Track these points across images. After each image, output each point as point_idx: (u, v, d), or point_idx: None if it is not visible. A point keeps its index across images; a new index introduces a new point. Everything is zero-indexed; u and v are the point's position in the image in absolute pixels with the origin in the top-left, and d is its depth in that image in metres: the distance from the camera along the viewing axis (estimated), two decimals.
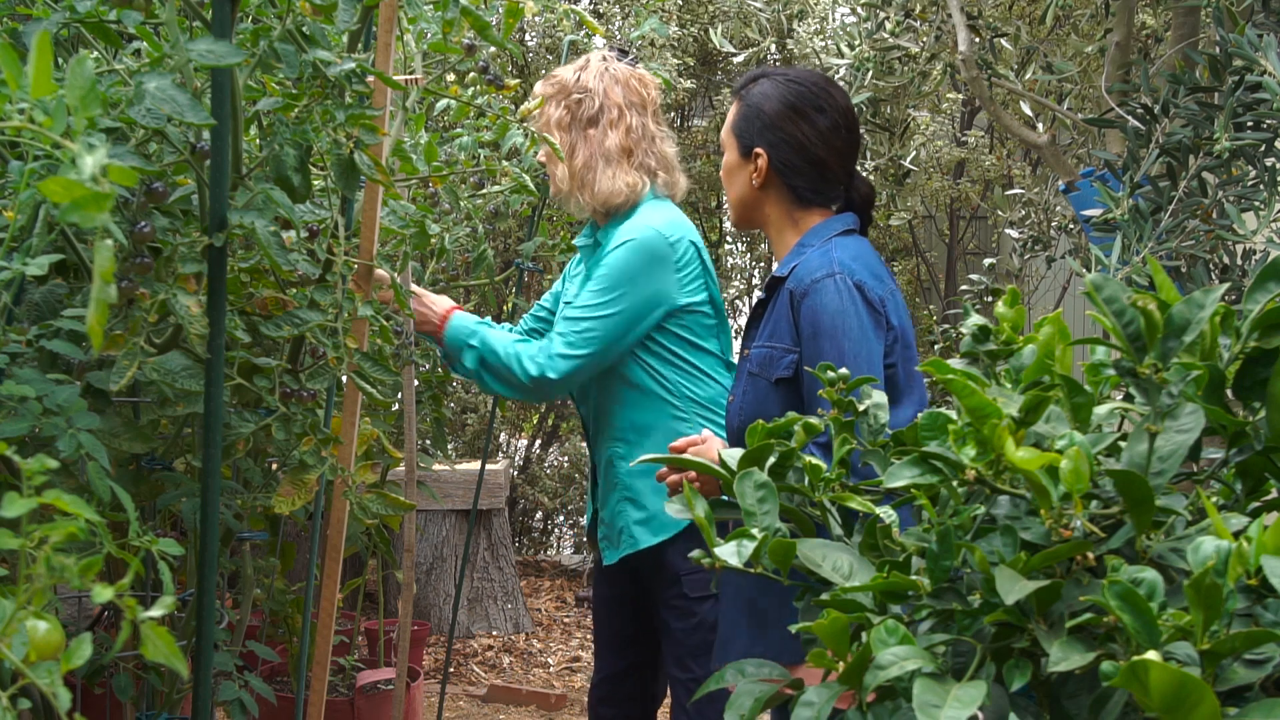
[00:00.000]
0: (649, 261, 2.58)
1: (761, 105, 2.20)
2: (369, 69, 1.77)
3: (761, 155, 2.19)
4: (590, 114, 2.66)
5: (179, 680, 2.28)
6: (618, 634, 2.81)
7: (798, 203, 2.21)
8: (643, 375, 2.62)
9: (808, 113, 2.18)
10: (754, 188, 2.21)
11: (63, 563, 1.01)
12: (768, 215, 2.23)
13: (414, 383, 3.18)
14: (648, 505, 2.61)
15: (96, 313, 0.93)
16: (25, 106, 0.98)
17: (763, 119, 2.19)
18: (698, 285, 2.63)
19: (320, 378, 1.91)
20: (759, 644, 2.12)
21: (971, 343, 1.21)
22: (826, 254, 2.12)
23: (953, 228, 6.61)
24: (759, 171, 2.20)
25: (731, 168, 2.25)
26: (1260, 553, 0.91)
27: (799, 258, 2.15)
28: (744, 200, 2.24)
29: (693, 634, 2.61)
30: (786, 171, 2.19)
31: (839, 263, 2.10)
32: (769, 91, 2.20)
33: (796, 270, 2.13)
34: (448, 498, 5.10)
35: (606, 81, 2.68)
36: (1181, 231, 2.22)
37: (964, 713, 0.91)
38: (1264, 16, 2.33)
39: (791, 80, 2.21)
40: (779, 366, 2.11)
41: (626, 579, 2.75)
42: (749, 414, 2.12)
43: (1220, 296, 1.01)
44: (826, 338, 2.04)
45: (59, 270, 1.82)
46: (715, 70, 6.20)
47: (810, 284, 2.08)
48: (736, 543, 1.13)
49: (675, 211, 2.70)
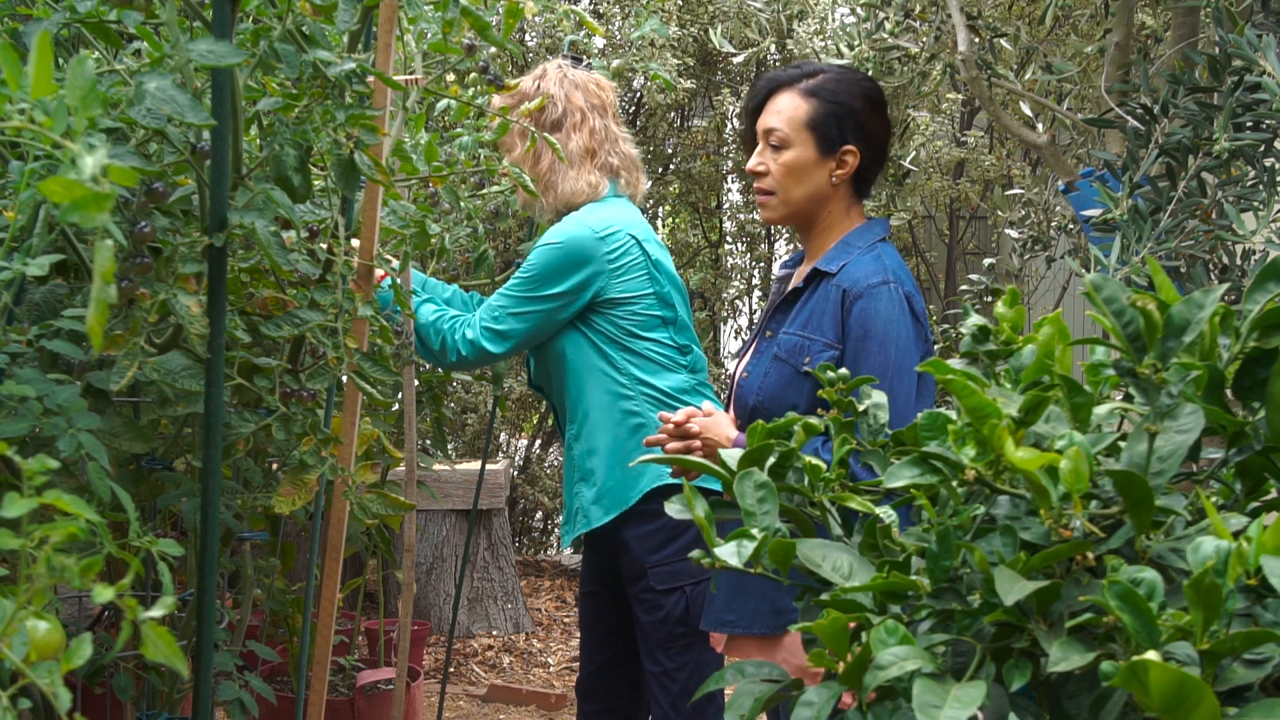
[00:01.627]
0: (568, 260, 2.65)
1: (849, 102, 2.17)
2: (369, 69, 1.77)
3: (854, 153, 2.17)
4: (554, 119, 2.73)
5: (179, 680, 2.28)
6: (598, 627, 2.85)
7: (857, 199, 2.23)
8: (589, 358, 2.68)
9: (883, 108, 2.21)
10: (831, 185, 2.18)
11: (63, 563, 1.01)
12: (830, 211, 2.21)
13: (414, 383, 3.18)
14: (599, 483, 2.67)
15: (96, 313, 0.93)
16: (26, 106, 0.98)
17: (855, 117, 2.17)
18: (638, 279, 2.68)
19: (320, 378, 1.91)
20: (733, 608, 2.20)
21: (971, 343, 1.22)
22: (879, 260, 2.14)
23: (952, 228, 6.61)
24: (847, 168, 2.18)
25: (806, 164, 2.18)
26: (1260, 553, 0.91)
27: (845, 257, 2.15)
28: (814, 196, 2.19)
29: (660, 627, 2.64)
30: (870, 168, 2.20)
31: (892, 271, 2.12)
32: (850, 88, 2.18)
33: (848, 270, 2.13)
34: (448, 498, 5.10)
35: (567, 87, 2.76)
36: (1181, 232, 2.22)
37: (964, 713, 0.91)
38: (1263, 17, 2.33)
39: (861, 78, 2.22)
40: (815, 357, 2.12)
41: (606, 571, 2.79)
42: (768, 396, 2.15)
43: (1220, 296, 1.01)
44: (876, 342, 2.07)
45: (59, 270, 1.82)
46: (715, 70, 6.20)
47: (866, 288, 2.09)
48: (736, 543, 1.13)
49: (622, 209, 2.76)
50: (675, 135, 6.34)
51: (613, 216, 2.72)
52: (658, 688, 2.67)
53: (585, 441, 2.70)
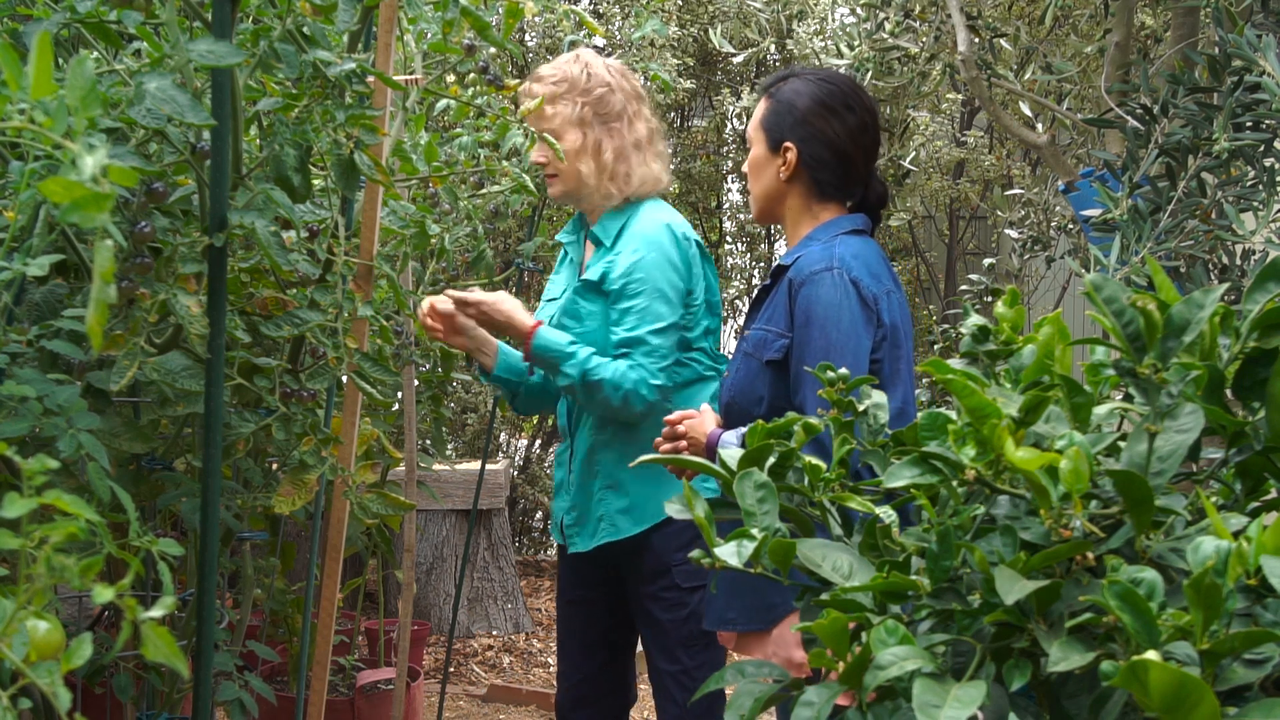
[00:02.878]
0: (673, 262, 2.61)
1: (794, 101, 2.27)
2: (369, 69, 1.77)
3: (791, 149, 2.26)
4: (616, 108, 2.67)
5: (179, 680, 2.28)
6: (588, 634, 2.77)
7: (819, 196, 2.29)
8: None
9: (838, 110, 2.27)
10: (780, 180, 2.28)
11: (63, 563, 1.01)
12: (789, 207, 2.31)
13: (414, 383, 3.18)
14: (630, 493, 2.62)
15: (96, 313, 0.93)
16: (25, 107, 0.98)
17: (794, 114, 2.26)
18: (698, 277, 2.66)
19: (320, 378, 1.91)
20: (733, 605, 2.25)
21: (971, 343, 1.22)
22: (829, 249, 2.20)
23: (952, 228, 6.61)
24: (787, 165, 2.26)
25: (759, 161, 2.31)
26: (1260, 553, 0.91)
27: (804, 250, 2.24)
28: (768, 193, 2.31)
29: (683, 625, 2.60)
30: (814, 165, 2.26)
31: (839, 258, 2.18)
32: (800, 89, 2.28)
33: (799, 261, 2.21)
34: (448, 498, 5.10)
35: (616, 75, 2.69)
36: (1180, 232, 2.22)
37: (964, 713, 0.91)
38: (1263, 17, 2.33)
39: (823, 79, 2.30)
40: (771, 349, 2.19)
41: (598, 577, 2.73)
42: (737, 390, 2.25)
43: (1220, 296, 1.01)
44: (817, 327, 2.13)
45: (59, 270, 1.82)
46: (715, 70, 6.20)
47: (809, 275, 2.17)
48: (736, 543, 1.13)
49: (669, 207, 2.73)
50: (675, 135, 6.34)
51: (676, 217, 2.68)
52: (675, 687, 2.61)
53: (616, 449, 2.62)
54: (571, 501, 2.70)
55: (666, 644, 2.62)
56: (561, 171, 2.67)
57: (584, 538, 2.68)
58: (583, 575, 2.76)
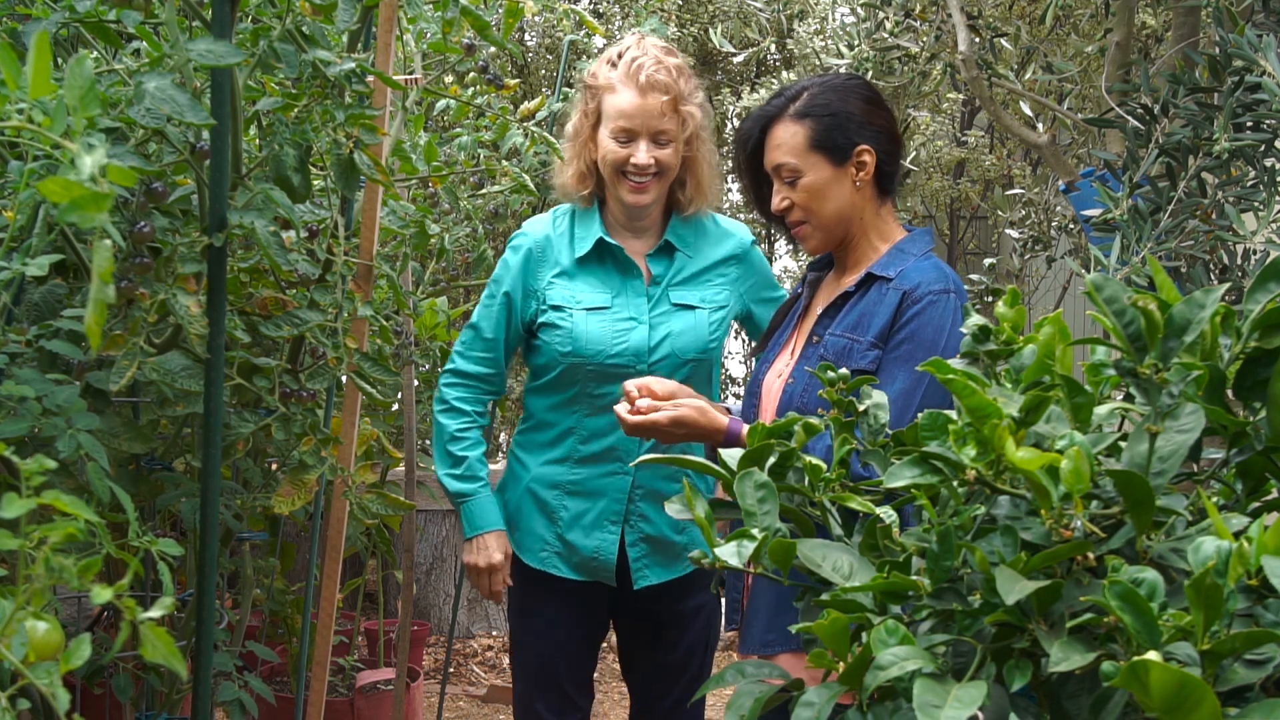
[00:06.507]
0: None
1: (844, 108, 2.13)
2: (369, 69, 1.77)
3: (868, 151, 2.12)
4: (709, 125, 2.58)
5: (178, 680, 2.28)
6: (587, 671, 2.61)
7: (881, 198, 2.19)
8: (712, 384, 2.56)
9: (878, 100, 2.18)
10: (855, 193, 2.14)
11: (62, 563, 1.01)
12: (863, 219, 2.17)
13: (414, 383, 3.18)
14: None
15: (95, 313, 0.93)
16: (25, 106, 0.98)
17: (854, 119, 2.13)
18: None
19: (320, 378, 1.91)
20: (774, 627, 2.12)
21: (972, 343, 1.21)
22: (939, 267, 2.11)
23: (953, 228, 6.61)
24: (866, 169, 2.13)
25: (824, 183, 2.13)
26: (1260, 553, 0.91)
27: (902, 262, 2.11)
28: (843, 212, 2.15)
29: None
30: (888, 161, 2.16)
31: (953, 280, 2.10)
32: (835, 96, 2.15)
33: (908, 274, 2.09)
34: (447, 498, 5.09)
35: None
36: (1181, 232, 2.22)
37: (964, 713, 0.91)
38: (1264, 17, 2.33)
39: (848, 79, 2.19)
40: (859, 358, 2.07)
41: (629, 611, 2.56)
42: (810, 396, 2.09)
43: (1220, 296, 1.01)
44: (921, 347, 2.02)
45: (59, 270, 1.82)
46: (715, 70, 6.20)
47: (928, 293, 2.06)
48: (737, 543, 1.13)
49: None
50: None
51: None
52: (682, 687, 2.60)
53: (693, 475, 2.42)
54: (642, 534, 2.50)
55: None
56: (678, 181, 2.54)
57: (671, 569, 2.53)
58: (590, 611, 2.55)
